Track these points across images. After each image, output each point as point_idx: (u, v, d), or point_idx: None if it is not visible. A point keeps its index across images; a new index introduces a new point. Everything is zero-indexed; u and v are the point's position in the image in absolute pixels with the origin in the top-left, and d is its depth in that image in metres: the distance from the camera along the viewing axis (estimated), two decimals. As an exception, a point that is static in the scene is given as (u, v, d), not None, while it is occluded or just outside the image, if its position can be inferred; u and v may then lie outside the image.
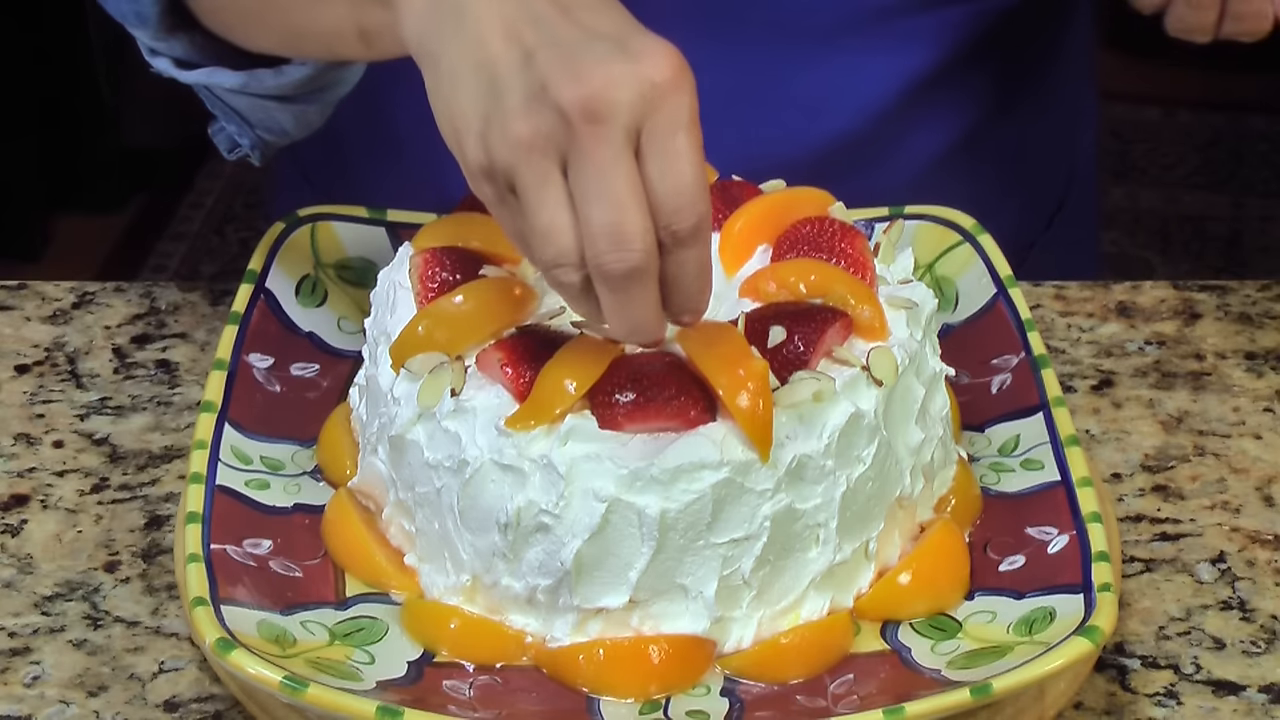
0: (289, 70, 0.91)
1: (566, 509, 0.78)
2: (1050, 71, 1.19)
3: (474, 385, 0.81)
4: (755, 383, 0.78)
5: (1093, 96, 1.28)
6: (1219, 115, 2.99)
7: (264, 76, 0.92)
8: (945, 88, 1.10)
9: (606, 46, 0.71)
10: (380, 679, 0.79)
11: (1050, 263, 1.19)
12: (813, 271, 0.85)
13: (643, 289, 0.72)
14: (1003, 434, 0.92)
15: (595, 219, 0.70)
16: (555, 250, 0.72)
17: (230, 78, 0.93)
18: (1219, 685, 0.84)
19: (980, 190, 1.13)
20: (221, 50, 0.93)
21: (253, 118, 0.96)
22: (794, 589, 0.82)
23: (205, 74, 0.93)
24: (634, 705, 0.80)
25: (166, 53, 0.94)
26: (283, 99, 0.94)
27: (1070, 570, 0.82)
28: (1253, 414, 1.00)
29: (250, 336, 0.94)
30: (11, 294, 1.09)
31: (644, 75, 0.70)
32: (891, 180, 1.09)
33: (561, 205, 0.71)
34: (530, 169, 0.71)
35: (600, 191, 0.70)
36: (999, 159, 1.16)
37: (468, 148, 0.73)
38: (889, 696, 0.78)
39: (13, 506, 0.94)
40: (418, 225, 0.92)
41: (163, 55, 0.95)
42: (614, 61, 0.70)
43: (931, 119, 1.12)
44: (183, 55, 0.94)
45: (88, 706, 0.83)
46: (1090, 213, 1.31)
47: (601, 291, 0.72)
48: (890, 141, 1.10)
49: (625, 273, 0.71)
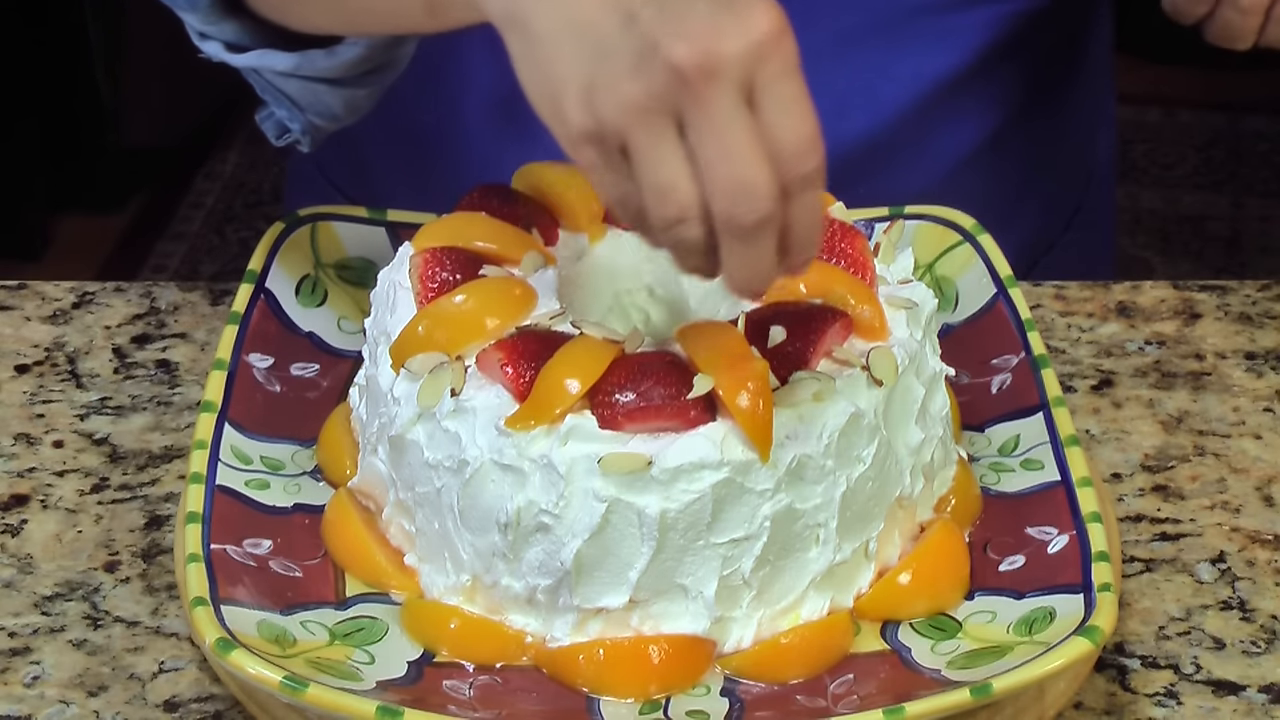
0: (341, 51, 0.91)
1: (566, 509, 0.78)
2: (1073, 73, 1.19)
3: (474, 385, 0.81)
4: (755, 383, 0.78)
5: (1111, 99, 1.28)
6: (1219, 115, 2.99)
7: (316, 58, 0.91)
8: (969, 90, 1.10)
9: (707, 3, 0.71)
10: (380, 679, 0.79)
11: (1069, 263, 1.19)
12: (813, 271, 0.85)
13: (770, 238, 0.73)
14: (1003, 434, 0.92)
15: (721, 174, 0.71)
16: (678, 207, 0.72)
17: (282, 60, 0.92)
18: (1219, 685, 0.84)
19: (1001, 192, 1.13)
20: (272, 33, 0.92)
21: (303, 101, 0.95)
22: (794, 589, 0.82)
23: (257, 56, 0.92)
24: (634, 705, 0.80)
25: (217, 36, 0.94)
26: (333, 82, 0.94)
27: (1070, 570, 0.82)
28: (1253, 414, 1.00)
29: (250, 336, 0.94)
30: (11, 294, 1.09)
31: (750, 28, 0.71)
32: (914, 182, 1.08)
33: (681, 162, 0.71)
34: (645, 129, 0.71)
35: (724, 146, 0.70)
36: (1020, 161, 1.16)
37: (569, 112, 0.73)
38: (889, 696, 0.78)
39: (13, 506, 0.94)
40: (418, 225, 0.92)
41: (213, 39, 0.94)
42: (720, 17, 0.71)
43: (955, 121, 1.12)
44: (233, 39, 0.93)
45: (88, 706, 0.83)
46: (1108, 214, 1.31)
47: (728, 244, 0.73)
48: (913, 143, 1.10)
49: (757, 223, 0.71)
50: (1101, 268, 1.28)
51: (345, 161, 1.17)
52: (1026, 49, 1.12)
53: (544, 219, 0.91)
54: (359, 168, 1.16)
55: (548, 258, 0.88)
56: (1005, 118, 1.14)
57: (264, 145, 1.03)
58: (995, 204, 1.03)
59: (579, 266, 0.91)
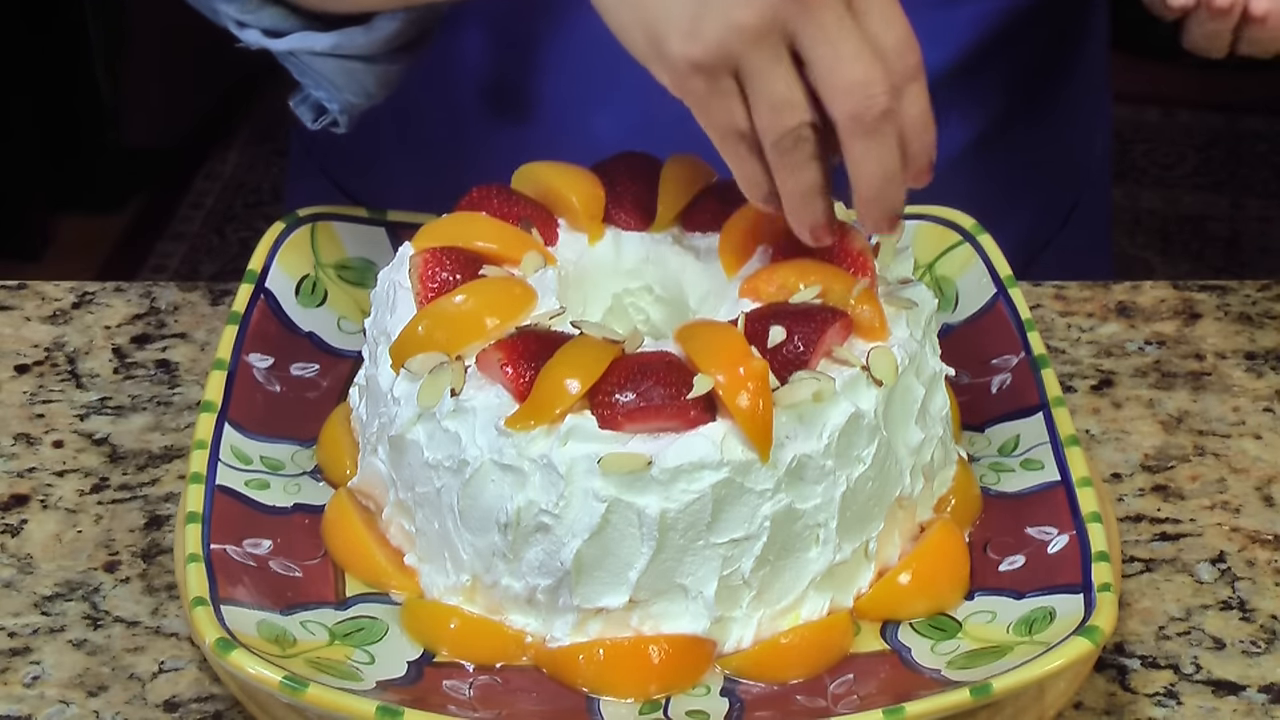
0: (379, 24, 0.92)
1: (566, 509, 0.78)
2: (1066, 70, 1.19)
3: (474, 385, 0.81)
4: (755, 383, 0.78)
5: (1107, 98, 1.28)
6: (1219, 115, 2.99)
7: (355, 34, 0.93)
8: (959, 88, 1.10)
9: None
10: (380, 679, 0.79)
11: (1065, 263, 1.18)
12: (813, 271, 0.85)
13: (893, 135, 0.78)
14: (1003, 434, 0.92)
15: (842, 75, 0.77)
16: (797, 117, 0.78)
17: (322, 40, 0.94)
18: (1219, 685, 0.84)
19: (994, 189, 1.13)
20: (307, 16, 0.95)
21: (339, 81, 0.97)
22: (794, 589, 0.82)
23: (298, 39, 0.95)
24: (634, 705, 0.80)
25: (255, 24, 0.95)
26: (369, 59, 0.95)
27: (1070, 570, 0.82)
28: (1253, 414, 1.00)
29: (250, 336, 0.94)
30: (11, 294, 1.09)
31: None
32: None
33: (796, 77, 0.78)
34: (761, 51, 0.77)
35: (839, 52, 0.77)
36: (1013, 158, 1.16)
37: (675, 46, 0.77)
38: (889, 696, 0.78)
39: (13, 506, 0.94)
40: (418, 225, 0.92)
41: (251, 27, 0.96)
42: None
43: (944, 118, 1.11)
44: (270, 25, 0.96)
45: (88, 706, 0.83)
46: (1104, 214, 1.31)
47: (857, 148, 0.78)
48: None
49: (881, 114, 0.77)
50: (1100, 267, 1.28)
51: (343, 151, 1.17)
52: (1017, 46, 1.11)
53: (544, 219, 0.91)
54: (358, 158, 1.16)
55: (548, 258, 0.88)
56: (996, 115, 1.13)
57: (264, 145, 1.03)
58: (991, 201, 1.03)
59: (579, 266, 0.91)
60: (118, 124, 2.73)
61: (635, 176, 0.92)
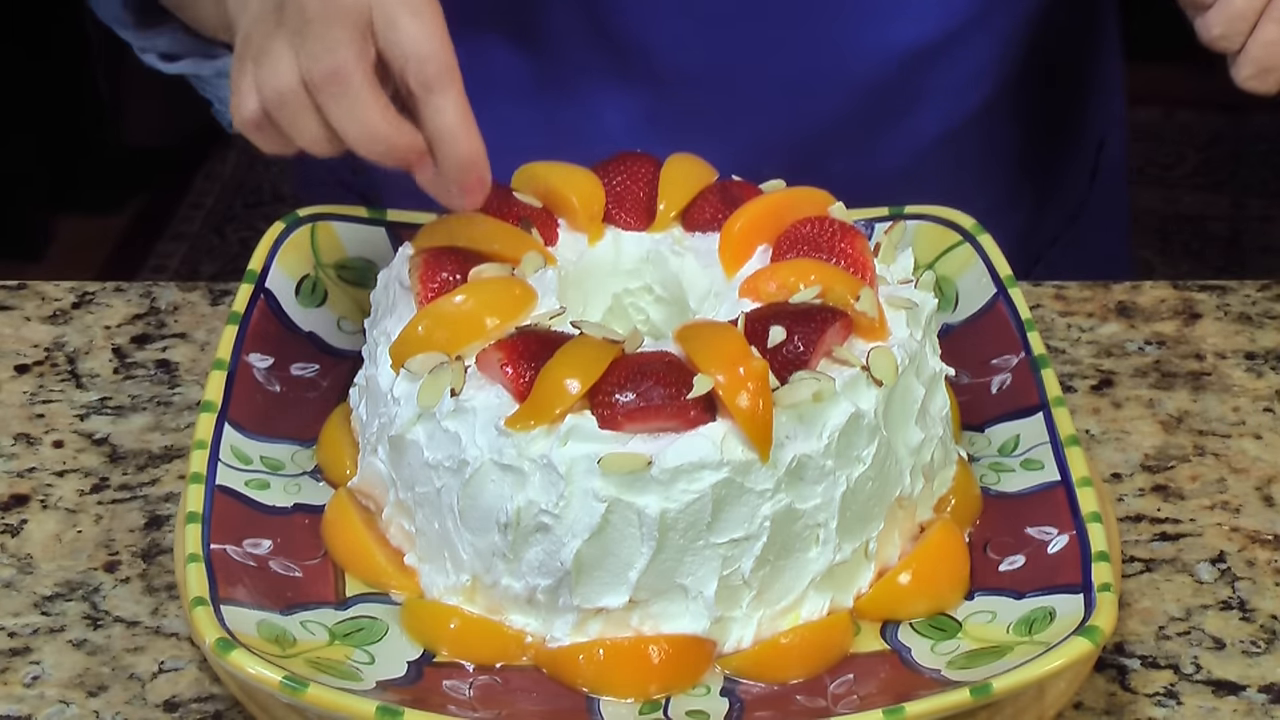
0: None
1: (566, 509, 0.78)
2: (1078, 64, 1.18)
3: (474, 385, 0.81)
4: (755, 383, 0.78)
5: (1120, 99, 1.27)
6: (1219, 115, 2.99)
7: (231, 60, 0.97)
8: (945, 65, 1.09)
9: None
10: (380, 679, 0.79)
11: (1077, 261, 1.18)
12: (813, 271, 0.85)
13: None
14: (1003, 434, 0.92)
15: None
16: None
17: (207, 66, 0.99)
18: (1219, 685, 0.84)
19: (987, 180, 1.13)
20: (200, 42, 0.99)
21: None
22: (794, 589, 0.82)
23: (187, 64, 1.00)
24: (634, 705, 0.80)
25: (151, 49, 1.01)
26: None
27: (1070, 570, 0.82)
28: (1253, 414, 1.00)
29: (250, 336, 0.94)
30: (11, 294, 1.09)
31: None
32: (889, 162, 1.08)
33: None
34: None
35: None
36: (1005, 147, 1.15)
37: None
38: (889, 696, 0.78)
39: (13, 506, 0.94)
40: (418, 225, 0.92)
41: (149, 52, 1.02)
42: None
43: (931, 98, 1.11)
44: (166, 49, 1.01)
45: (88, 706, 0.83)
46: (1120, 217, 1.31)
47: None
48: (886, 123, 1.09)
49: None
50: (1117, 271, 1.26)
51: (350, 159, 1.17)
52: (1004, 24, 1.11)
53: (544, 219, 0.91)
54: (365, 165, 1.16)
55: (548, 258, 0.88)
56: (984, 96, 1.12)
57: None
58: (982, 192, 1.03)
59: (579, 266, 0.91)
60: (118, 124, 2.73)
61: (635, 176, 0.92)
